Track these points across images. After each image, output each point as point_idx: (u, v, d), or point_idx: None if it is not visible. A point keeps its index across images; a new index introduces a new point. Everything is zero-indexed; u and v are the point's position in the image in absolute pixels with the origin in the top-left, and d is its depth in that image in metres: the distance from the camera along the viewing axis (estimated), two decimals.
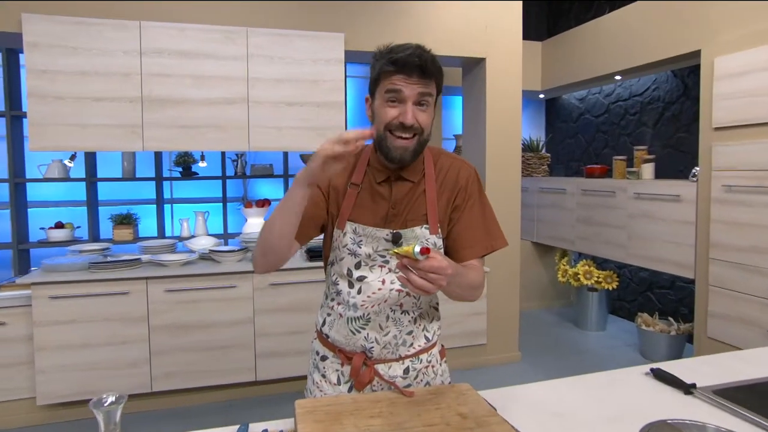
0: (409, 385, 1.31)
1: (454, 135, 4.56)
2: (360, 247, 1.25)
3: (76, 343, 2.76)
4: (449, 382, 1.42)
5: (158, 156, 3.74)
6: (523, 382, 1.47)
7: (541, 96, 5.20)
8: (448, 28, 3.40)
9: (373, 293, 1.24)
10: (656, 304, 4.23)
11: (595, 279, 4.22)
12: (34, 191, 3.67)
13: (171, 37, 2.87)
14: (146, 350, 2.87)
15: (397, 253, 1.00)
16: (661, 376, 1.40)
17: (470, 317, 3.53)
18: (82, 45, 2.73)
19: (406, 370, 1.30)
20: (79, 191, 3.72)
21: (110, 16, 2.79)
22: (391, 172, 1.27)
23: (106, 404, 0.95)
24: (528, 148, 5.01)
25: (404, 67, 1.14)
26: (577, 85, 4.59)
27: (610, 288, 4.23)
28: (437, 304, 1.39)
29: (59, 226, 3.51)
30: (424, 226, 1.26)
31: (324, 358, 1.35)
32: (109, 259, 2.99)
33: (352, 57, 3.40)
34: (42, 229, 3.53)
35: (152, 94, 2.86)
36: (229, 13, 3.01)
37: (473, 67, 3.68)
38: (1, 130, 3.43)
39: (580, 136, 5.03)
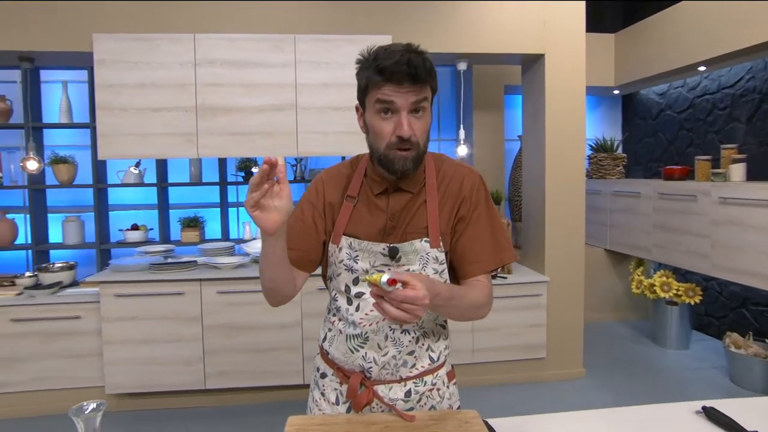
0: (411, 409, 1.23)
1: (518, 136, 4.35)
2: (356, 263, 1.19)
3: (138, 338, 2.95)
4: (458, 407, 1.32)
5: (222, 161, 3.91)
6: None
7: (616, 92, 4.81)
8: (502, 24, 3.24)
9: (371, 310, 1.18)
10: (752, 323, 3.75)
11: (674, 292, 3.81)
12: (114, 196, 3.99)
13: (222, 48, 2.98)
14: (200, 349, 3.00)
15: (368, 280, 0.93)
16: (714, 417, 1.19)
17: (528, 329, 3.33)
18: (142, 59, 2.91)
19: (408, 393, 1.22)
20: (154, 195, 3.98)
21: (167, 30, 2.95)
22: (389, 183, 1.19)
23: (86, 411, 0.97)
24: (601, 148, 4.65)
25: (393, 76, 1.05)
26: (656, 79, 4.19)
27: (692, 302, 3.80)
28: (445, 321, 1.30)
29: (135, 228, 3.78)
30: (424, 239, 1.17)
31: (323, 376, 1.31)
32: (169, 260, 3.16)
33: None
34: (120, 230, 3.82)
35: (205, 103, 2.99)
36: (277, 21, 3.08)
37: (532, 64, 3.47)
38: (86, 140, 3.76)
39: (660, 135, 4.59)
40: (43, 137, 3.77)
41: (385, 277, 0.89)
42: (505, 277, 3.30)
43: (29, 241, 3.64)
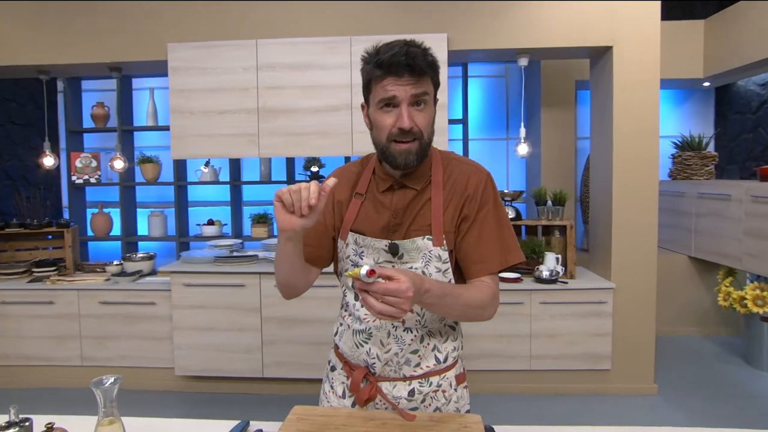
0: (415, 409, 1.22)
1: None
2: (362, 259, 1.21)
3: (204, 326, 3.16)
4: (467, 411, 1.28)
5: (290, 161, 4.08)
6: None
7: (706, 84, 4.37)
8: (564, 16, 3.06)
9: None
10: None
11: None
12: (194, 193, 4.31)
13: (281, 52, 3.11)
14: (259, 339, 3.16)
15: (350, 275, 0.94)
16: None
17: (591, 338, 3.14)
18: (209, 65, 3.13)
19: (412, 392, 1.21)
20: (229, 193, 4.25)
21: (232, 37, 3.14)
22: (395, 180, 1.19)
23: (105, 384, 1.06)
24: (687, 146, 4.26)
25: (392, 68, 1.06)
26: (754, 68, 3.75)
27: None
28: (455, 322, 1.27)
29: (210, 223, 4.07)
30: (427, 237, 1.16)
31: (333, 369, 1.34)
32: (234, 254, 3.36)
33: (453, 58, 3.28)
34: (198, 225, 4.13)
35: (266, 105, 3.14)
36: (333, 24, 3.15)
37: (599, 57, 3.26)
38: (169, 141, 4.09)
39: (761, 131, 4.10)
40: (133, 139, 4.17)
41: (364, 269, 0.90)
42: (566, 282, 3.13)
43: (121, 233, 4.03)
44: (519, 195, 3.47)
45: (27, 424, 0.82)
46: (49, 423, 0.90)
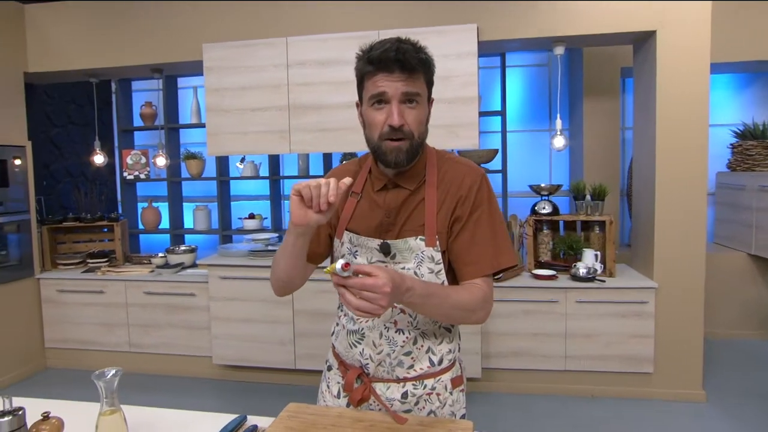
0: (408, 411, 1.21)
1: None
2: (356, 258, 1.21)
3: (239, 317, 3.27)
4: (463, 416, 1.25)
5: (327, 156, 4.12)
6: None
7: None
8: (602, 1, 2.90)
9: None
10: None
11: None
12: (236, 187, 4.45)
13: (311, 49, 3.13)
14: (291, 331, 3.23)
15: (328, 272, 0.94)
16: None
17: (631, 339, 2.98)
18: (242, 64, 3.20)
19: (405, 394, 1.20)
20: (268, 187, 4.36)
21: (263, 36, 3.20)
22: (389, 179, 1.18)
23: (107, 377, 1.11)
24: (750, 134, 3.94)
25: (382, 63, 1.06)
26: None
27: None
28: (451, 324, 1.24)
29: (251, 216, 4.18)
30: (419, 237, 1.14)
31: (330, 368, 1.35)
32: (269, 248, 3.44)
33: (488, 48, 3.18)
34: (239, 218, 4.26)
35: (297, 101, 3.18)
36: (361, 19, 3.14)
37: (643, 43, 3.06)
38: None
39: None
40: (179, 136, 4.35)
41: (339, 263, 0.90)
42: (603, 281, 2.99)
43: (168, 226, 4.23)
44: (556, 189, 3.34)
45: (20, 413, 0.88)
46: (45, 412, 0.96)
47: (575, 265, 3.06)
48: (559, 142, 3.14)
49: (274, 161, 4.21)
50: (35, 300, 3.60)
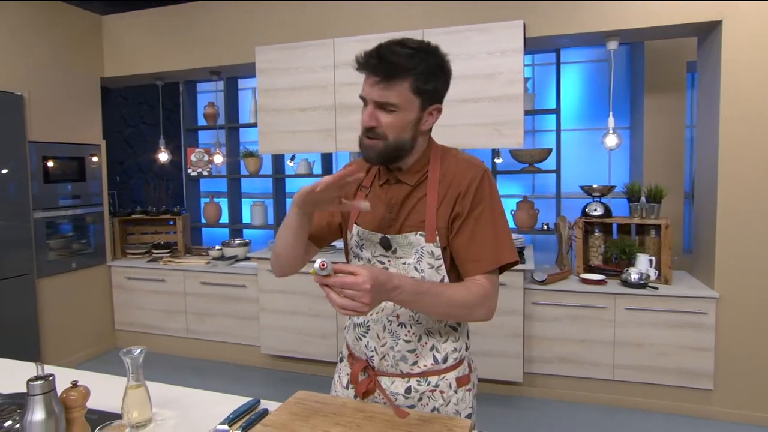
0: (412, 407, 1.22)
1: None
2: (362, 251, 1.24)
3: (286, 309, 3.40)
4: (468, 415, 1.25)
5: None
6: None
7: None
8: None
9: None
10: None
11: None
12: (291, 185, 4.61)
13: (357, 49, 3.13)
14: (334, 325, 3.31)
15: (312, 272, 0.97)
16: None
17: (687, 352, 2.80)
18: (292, 65, 3.32)
19: (408, 390, 1.22)
20: None
21: (311, 38, 3.30)
22: (391, 174, 1.20)
23: (134, 354, 1.21)
24: None
25: (363, 68, 1.11)
26: None
27: None
28: (457, 323, 1.24)
29: None
30: (419, 233, 1.16)
31: (341, 360, 1.38)
32: None
33: (540, 44, 3.09)
34: None
35: (343, 101, 3.25)
36: (406, 18, 3.15)
37: (707, 34, 2.85)
38: None
39: None
40: (239, 135, 4.57)
41: (317, 263, 0.93)
42: (656, 288, 2.82)
43: (228, 221, 4.47)
44: (609, 190, 3.19)
45: (51, 378, 0.99)
46: (74, 380, 1.06)
47: (627, 270, 2.91)
48: (612, 141, 2.99)
49: (327, 159, 4.32)
50: (107, 285, 3.93)
